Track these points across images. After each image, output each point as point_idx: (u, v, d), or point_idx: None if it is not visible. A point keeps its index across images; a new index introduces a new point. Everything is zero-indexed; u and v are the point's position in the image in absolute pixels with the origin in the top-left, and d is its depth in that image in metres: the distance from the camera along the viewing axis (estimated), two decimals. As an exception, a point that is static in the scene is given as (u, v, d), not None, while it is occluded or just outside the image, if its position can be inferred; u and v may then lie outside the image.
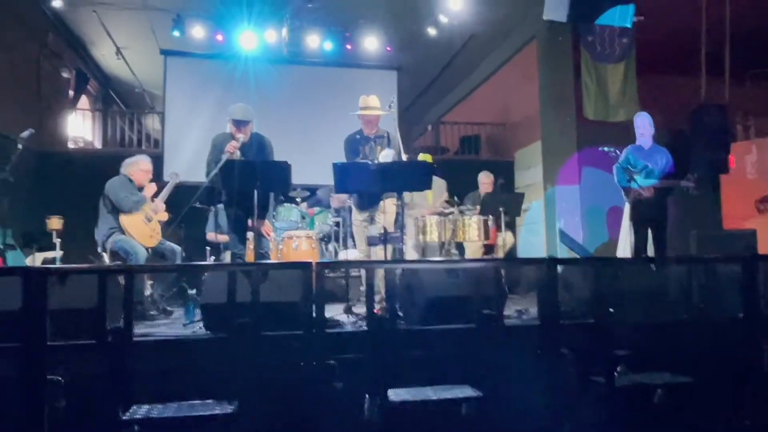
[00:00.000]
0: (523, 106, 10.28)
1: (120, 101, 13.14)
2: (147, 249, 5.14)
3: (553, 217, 9.06)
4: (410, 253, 6.20)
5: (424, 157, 6.61)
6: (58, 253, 6.68)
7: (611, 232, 7.97)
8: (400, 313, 3.95)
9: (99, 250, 5.16)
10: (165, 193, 5.50)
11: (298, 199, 7.37)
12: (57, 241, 6.71)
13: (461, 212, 5.80)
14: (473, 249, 6.48)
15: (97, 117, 11.66)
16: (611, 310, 3.02)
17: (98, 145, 11.42)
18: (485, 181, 7.31)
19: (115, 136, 10.57)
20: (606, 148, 5.65)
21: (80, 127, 11.24)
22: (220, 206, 5.43)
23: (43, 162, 9.07)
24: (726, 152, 7.03)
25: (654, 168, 5.45)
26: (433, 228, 5.66)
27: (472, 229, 5.66)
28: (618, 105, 7.96)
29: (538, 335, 3.17)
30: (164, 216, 5.53)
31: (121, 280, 3.22)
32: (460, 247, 6.41)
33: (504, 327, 3.46)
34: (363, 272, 4.90)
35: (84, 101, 11.53)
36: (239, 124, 4.54)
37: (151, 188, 5.39)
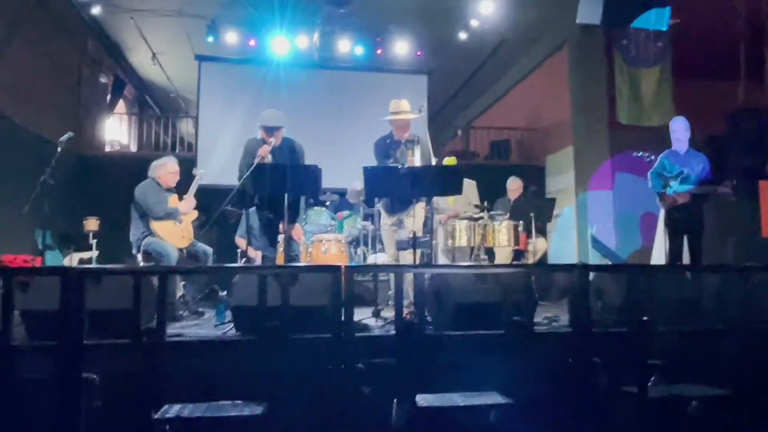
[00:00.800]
0: (554, 110, 10.17)
1: (155, 105, 13.42)
2: (180, 250, 5.21)
3: (585, 223, 8.94)
4: (439, 258, 6.18)
5: (448, 160, 6.59)
6: (94, 254, 6.84)
7: (645, 239, 7.82)
8: (429, 318, 3.93)
9: (133, 251, 5.26)
10: (191, 190, 5.57)
11: (328, 203, 7.40)
12: (93, 241, 6.87)
13: (491, 217, 5.76)
14: (503, 254, 6.43)
15: (133, 121, 11.93)
16: (645, 318, 2.95)
17: (134, 148, 11.67)
18: (513, 187, 7.24)
19: (150, 140, 10.80)
20: (640, 153, 5.54)
21: (117, 130, 11.51)
22: (253, 211, 5.49)
23: (81, 165, 9.32)
24: (764, 158, 6.84)
25: (690, 173, 5.32)
26: (462, 233, 5.64)
27: (501, 234, 5.64)
28: (652, 109, 7.81)
29: (569, 343, 3.12)
30: (194, 214, 5.60)
31: (155, 281, 3.28)
32: (489, 252, 6.37)
33: (534, 334, 3.40)
34: (392, 276, 4.90)
35: (121, 106, 11.79)
36: (270, 130, 4.59)
37: (190, 203, 5.44)
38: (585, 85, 9.00)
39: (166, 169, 5.44)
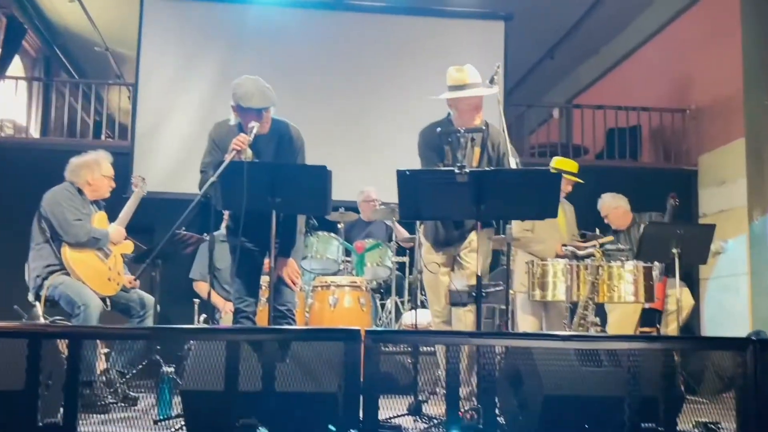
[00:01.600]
0: (713, 82, 10.06)
1: (72, 67, 13.70)
2: (105, 299, 5.26)
3: (766, 268, 8.77)
4: (520, 320, 6.13)
5: (560, 163, 6.52)
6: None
7: None
8: (501, 420, 3.90)
9: (30, 297, 5.33)
10: (128, 210, 5.64)
11: (341, 225, 7.45)
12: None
13: (606, 254, 5.73)
14: (625, 316, 6.39)
15: (35, 90, 12.17)
16: None
17: (35, 133, 11.91)
18: (613, 208, 7.15)
19: (61, 120, 10.95)
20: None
21: (9, 104, 11.69)
22: (219, 234, 5.53)
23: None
24: None
25: None
26: (558, 279, 5.61)
27: (623, 282, 5.60)
28: None
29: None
30: (128, 246, 5.67)
31: (63, 347, 3.31)
32: (602, 311, 6.30)
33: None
34: (440, 349, 4.87)
35: (16, 65, 11.98)
36: (249, 112, 4.62)
37: (122, 229, 5.54)
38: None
39: (97, 171, 5.54)
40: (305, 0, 9.97)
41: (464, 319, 4.81)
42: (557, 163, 6.51)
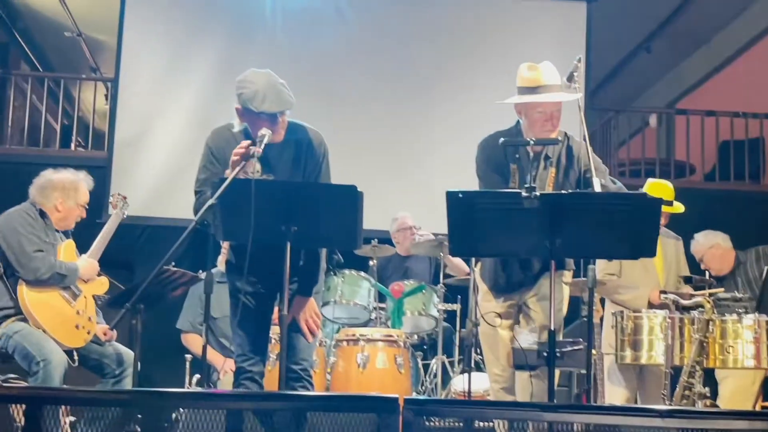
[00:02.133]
0: None
1: (35, 58, 13.90)
2: (71, 353, 5.30)
3: None
4: (606, 390, 6.09)
5: (655, 187, 6.48)
6: None
7: None
8: None
9: (-22, 349, 5.38)
10: (103, 238, 5.69)
11: (373, 262, 7.45)
12: None
13: (718, 305, 5.70)
14: (743, 387, 6.36)
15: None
16: None
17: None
18: (708, 248, 7.10)
19: (21, 124, 11.09)
20: None
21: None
22: (217, 272, 5.56)
23: None
24: None
25: None
26: (655, 336, 5.59)
27: (741, 342, 5.56)
28: None
29: None
30: (101, 286, 5.70)
31: (18, 414, 3.33)
32: (712, 379, 6.26)
33: None
34: (501, 425, 4.83)
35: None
36: (259, 117, 4.63)
37: (94, 264, 5.59)
38: None
39: (72, 198, 5.58)
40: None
41: (532, 386, 4.78)
42: (649, 186, 6.45)
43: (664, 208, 6.31)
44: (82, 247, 5.69)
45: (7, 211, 5.47)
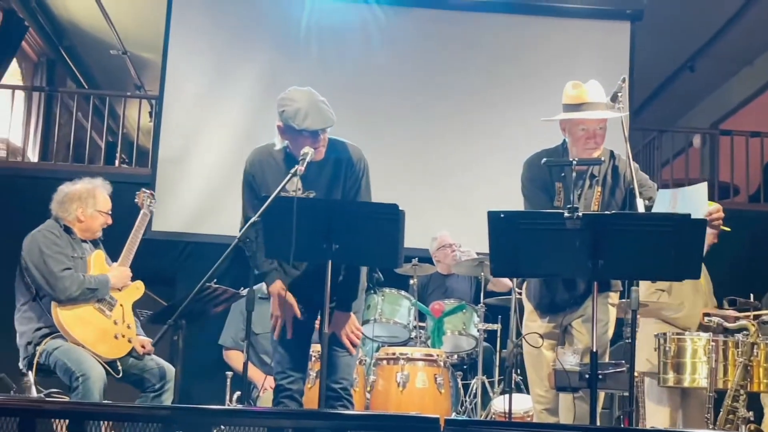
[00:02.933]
0: None
1: (81, 75, 13.98)
2: (114, 364, 5.31)
3: None
4: (648, 412, 6.02)
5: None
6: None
7: None
8: None
9: (20, 365, 5.40)
10: (132, 241, 5.69)
11: (414, 281, 7.42)
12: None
13: (763, 326, 5.66)
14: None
15: (36, 102, 12.37)
16: None
17: (33, 156, 12.13)
18: None
19: (67, 140, 11.14)
20: None
21: (1, 119, 11.91)
22: (259, 290, 5.54)
23: None
24: None
25: None
26: (698, 359, 5.55)
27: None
28: None
29: None
30: (137, 291, 5.70)
31: (61, 429, 3.32)
32: (757, 403, 6.18)
33: None
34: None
35: (14, 70, 12.26)
36: (301, 134, 4.63)
37: (126, 270, 5.60)
38: None
39: (91, 205, 5.60)
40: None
41: (574, 408, 4.74)
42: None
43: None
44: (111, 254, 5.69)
45: (31, 233, 5.48)
